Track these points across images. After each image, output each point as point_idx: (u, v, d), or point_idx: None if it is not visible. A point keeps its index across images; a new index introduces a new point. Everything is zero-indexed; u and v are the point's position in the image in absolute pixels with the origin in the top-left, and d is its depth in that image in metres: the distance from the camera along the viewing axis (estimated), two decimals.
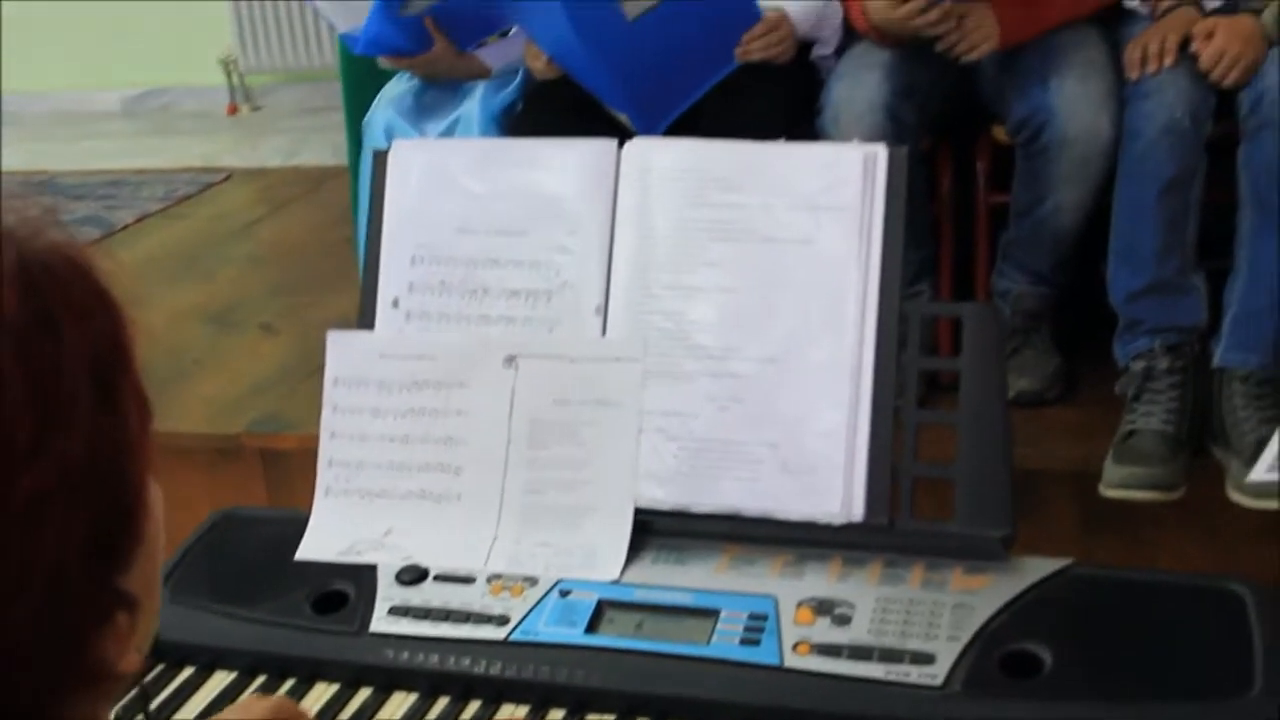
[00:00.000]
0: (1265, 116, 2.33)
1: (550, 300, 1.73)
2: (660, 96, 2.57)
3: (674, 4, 2.46)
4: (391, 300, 1.78)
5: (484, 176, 1.77)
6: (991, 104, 2.58)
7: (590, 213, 1.72)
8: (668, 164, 1.71)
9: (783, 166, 1.68)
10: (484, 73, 2.82)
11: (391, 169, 1.81)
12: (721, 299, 1.67)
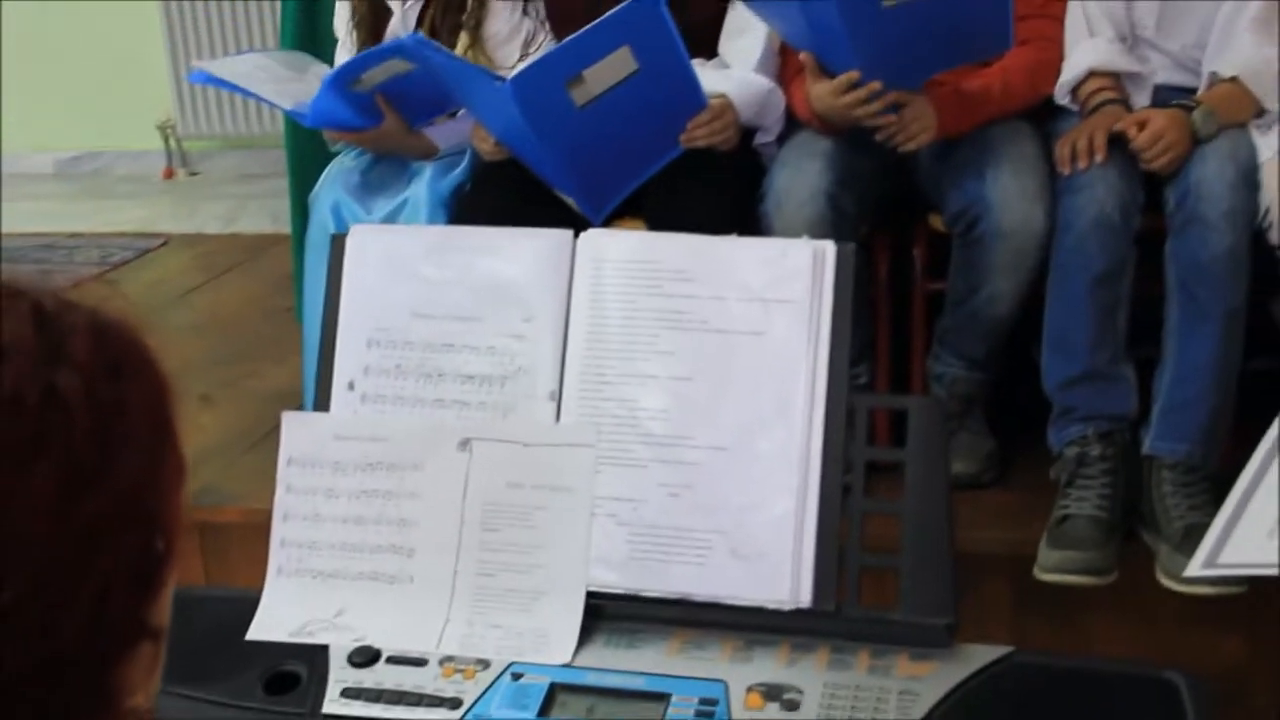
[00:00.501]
0: (1191, 212, 2.42)
1: (505, 385, 1.77)
2: (606, 181, 2.63)
3: (621, 91, 2.50)
4: (347, 383, 1.81)
5: (441, 263, 1.81)
6: (928, 194, 2.66)
7: (545, 301, 1.76)
8: (622, 255, 1.76)
9: (734, 259, 1.73)
10: (432, 151, 2.86)
11: (349, 253, 1.84)
12: (674, 387, 1.72)
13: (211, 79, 2.97)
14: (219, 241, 4.69)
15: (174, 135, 5.41)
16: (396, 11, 2.94)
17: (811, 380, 1.68)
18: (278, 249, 4.47)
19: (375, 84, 2.77)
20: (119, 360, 0.85)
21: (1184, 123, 2.47)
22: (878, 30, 2.40)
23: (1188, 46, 2.66)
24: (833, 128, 2.59)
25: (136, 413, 0.85)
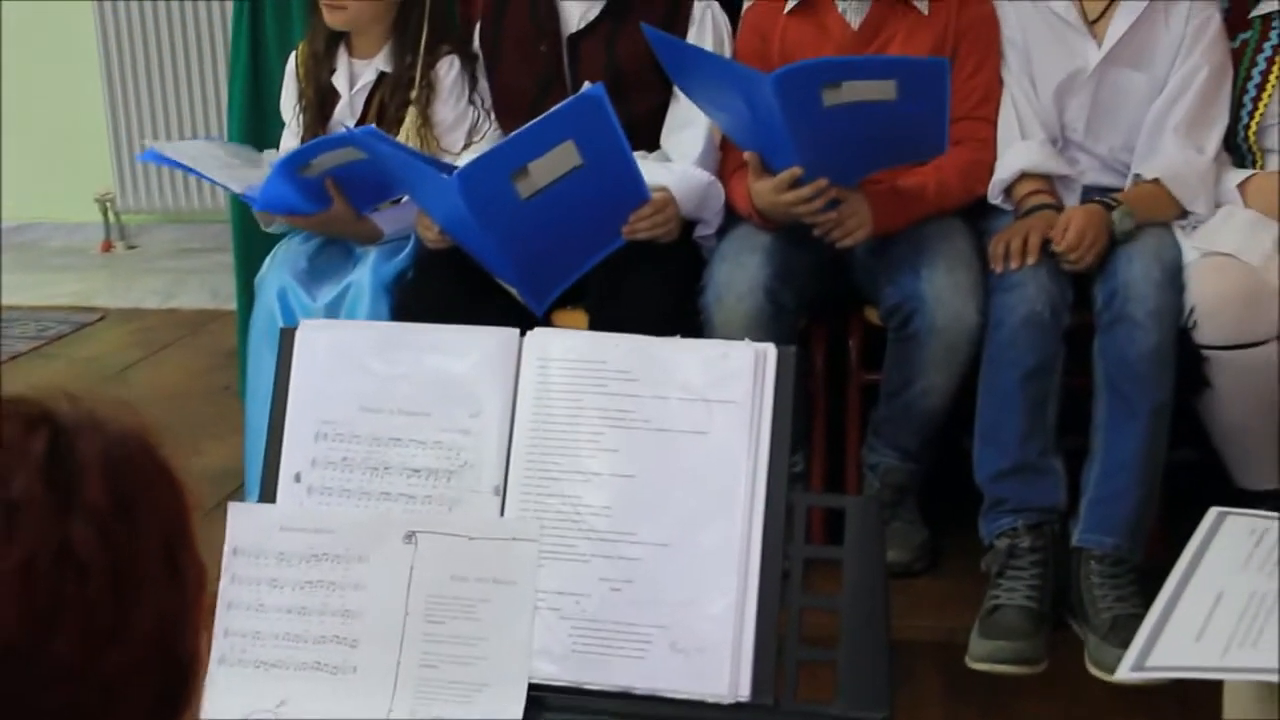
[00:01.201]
0: (1118, 311, 2.51)
1: (450, 480, 1.80)
2: (548, 271, 2.67)
3: (565, 184, 2.55)
4: (294, 475, 1.84)
5: (389, 358, 1.85)
6: (864, 288, 2.73)
7: (492, 397, 1.80)
8: (567, 353, 1.81)
9: (677, 360, 1.78)
10: (376, 236, 2.89)
11: (299, 347, 1.88)
12: (617, 484, 1.76)
13: (162, 158, 3.00)
14: (157, 317, 4.68)
15: (113, 208, 5.40)
16: (344, 95, 2.99)
17: (752, 479, 1.72)
18: (217, 325, 4.49)
19: (324, 169, 2.81)
20: (132, 494, 0.85)
21: (1103, 219, 2.57)
22: (818, 129, 2.47)
23: (1115, 149, 2.76)
24: (772, 223, 2.66)
25: (152, 544, 0.85)
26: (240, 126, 3.34)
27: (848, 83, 2.40)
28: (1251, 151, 2.71)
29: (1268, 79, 2.69)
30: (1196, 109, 2.68)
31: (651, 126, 2.86)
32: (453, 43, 2.97)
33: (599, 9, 2.89)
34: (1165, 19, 2.71)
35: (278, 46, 3.26)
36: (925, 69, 2.45)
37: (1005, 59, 2.78)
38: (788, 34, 2.82)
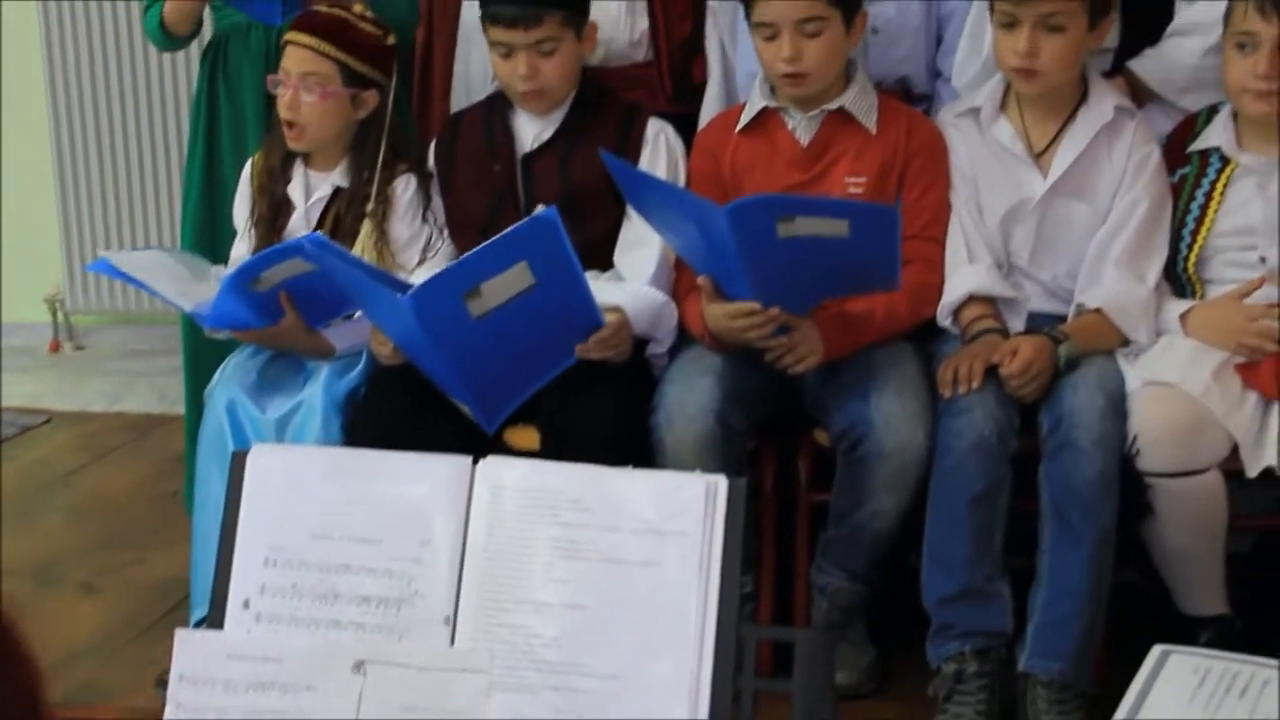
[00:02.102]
0: (1063, 439, 2.55)
1: (400, 609, 1.79)
2: (500, 390, 2.68)
3: (517, 304, 2.56)
4: (242, 601, 1.83)
5: (341, 485, 1.84)
6: (813, 411, 2.75)
7: (443, 525, 1.80)
8: (519, 482, 1.80)
9: (630, 491, 1.78)
10: (329, 352, 2.89)
11: (250, 471, 1.87)
12: (567, 615, 1.75)
13: (113, 270, 2.99)
14: (104, 420, 4.63)
15: (62, 309, 5.37)
16: (299, 208, 3.00)
17: (702, 612, 1.72)
18: (165, 429, 4.45)
19: (275, 283, 2.81)
20: None
21: (1050, 352, 2.62)
22: (771, 259, 2.51)
23: (1060, 276, 2.81)
24: (724, 345, 2.68)
25: None
26: (193, 236, 3.33)
27: (801, 217, 2.44)
28: (1191, 282, 2.77)
29: (1206, 212, 2.75)
30: (1137, 240, 2.73)
31: (605, 246, 2.89)
32: (409, 161, 3.00)
33: (553, 129, 2.93)
34: (1108, 153, 2.77)
35: (233, 157, 3.26)
36: (877, 215, 2.49)
37: (954, 185, 2.83)
38: (739, 153, 2.88)
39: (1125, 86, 2.93)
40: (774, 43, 2.76)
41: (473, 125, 3.01)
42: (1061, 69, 2.73)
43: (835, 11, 2.76)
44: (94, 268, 3.07)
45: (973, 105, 2.86)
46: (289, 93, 2.90)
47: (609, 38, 3.13)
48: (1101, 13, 2.73)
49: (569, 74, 2.91)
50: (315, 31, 2.92)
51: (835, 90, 2.82)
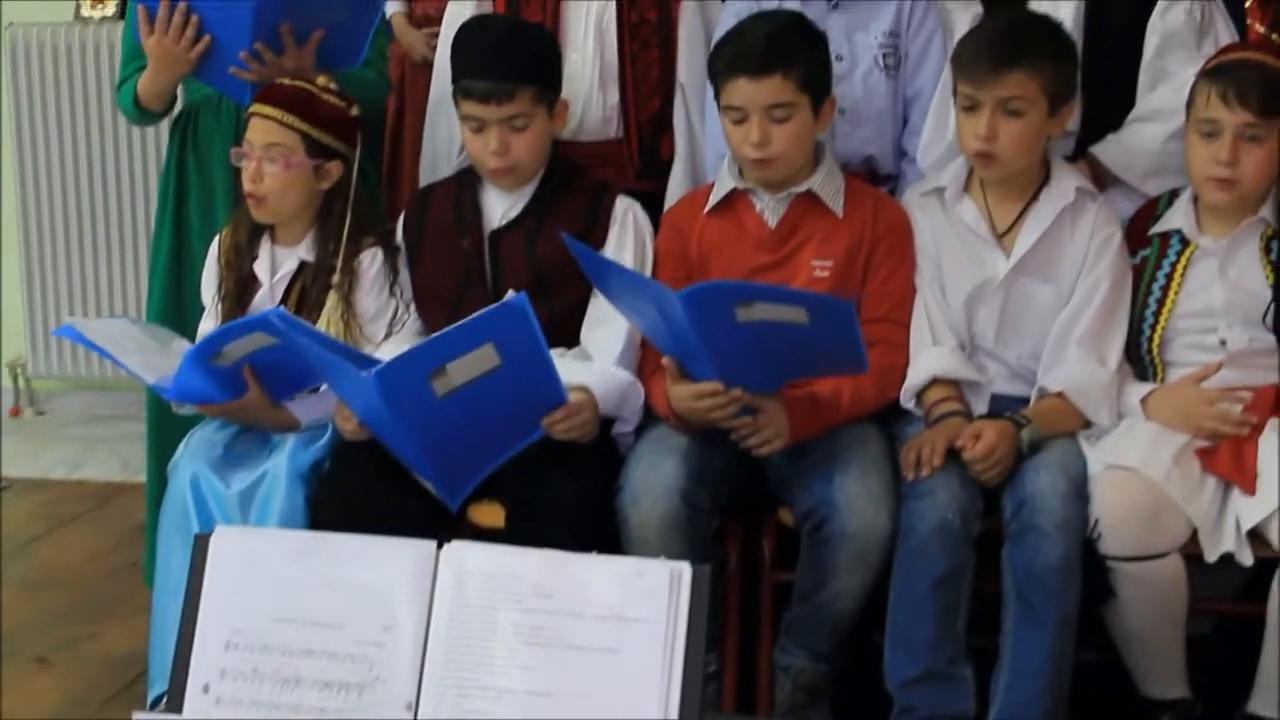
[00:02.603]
0: (1025, 522, 2.57)
1: (362, 694, 1.79)
2: (464, 467, 2.68)
3: (482, 384, 2.56)
4: (202, 686, 1.82)
5: (304, 568, 1.84)
6: (778, 491, 2.76)
7: (406, 610, 1.80)
8: (483, 568, 1.81)
9: (593, 577, 1.79)
10: (293, 426, 2.89)
11: (212, 554, 1.87)
12: (530, 702, 1.75)
13: (78, 336, 2.98)
14: (64, 488, 4.60)
15: (23, 374, 5.35)
16: (265, 284, 3.01)
17: (665, 699, 1.73)
18: (126, 498, 4.42)
19: (238, 357, 2.81)
20: None
21: (1013, 436, 2.64)
22: (732, 343, 2.53)
23: (1023, 357, 2.84)
24: (689, 425, 2.69)
25: None
26: (159, 307, 3.34)
27: (760, 303, 2.47)
28: (1154, 364, 2.80)
29: (1167, 294, 2.79)
30: (1099, 322, 2.77)
31: (572, 322, 2.90)
32: (376, 234, 3.01)
33: (522, 205, 2.95)
34: (1070, 234, 2.81)
35: (201, 229, 3.27)
36: (834, 307, 2.51)
37: (918, 265, 2.87)
38: (706, 233, 2.90)
39: (1088, 170, 2.97)
40: (743, 126, 2.80)
41: (442, 200, 3.03)
42: (1020, 154, 2.77)
43: (804, 97, 2.80)
44: (60, 333, 3.07)
45: (937, 185, 2.90)
46: (253, 164, 2.92)
47: (580, 112, 3.17)
48: (1062, 99, 2.77)
49: (540, 150, 2.93)
50: (278, 103, 2.94)
51: (803, 173, 2.86)
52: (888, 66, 3.12)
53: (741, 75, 2.78)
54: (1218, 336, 2.75)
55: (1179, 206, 2.82)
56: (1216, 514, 2.62)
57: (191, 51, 3.07)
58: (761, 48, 2.78)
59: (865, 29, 3.11)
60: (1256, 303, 2.73)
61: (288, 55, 3.05)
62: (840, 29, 3.05)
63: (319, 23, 3.07)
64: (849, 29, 3.09)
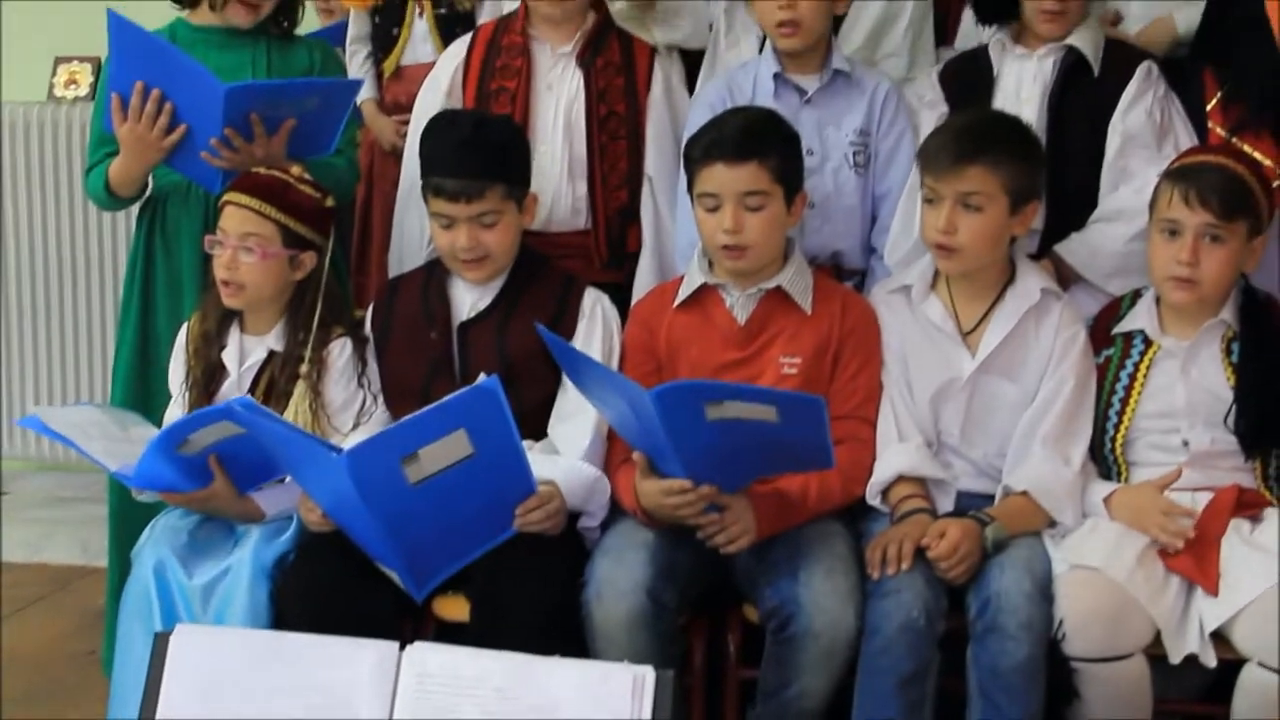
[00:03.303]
0: (990, 622, 2.58)
1: None
2: (432, 559, 2.67)
3: (454, 473, 2.57)
4: None
5: (266, 669, 1.85)
6: (744, 587, 2.77)
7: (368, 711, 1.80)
8: (446, 669, 1.82)
9: (555, 681, 1.80)
10: (258, 516, 2.88)
11: (173, 653, 1.87)
12: None
13: (43, 428, 2.98)
14: (23, 571, 4.54)
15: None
16: (233, 373, 3.01)
17: None
18: (86, 582, 4.38)
19: (204, 446, 2.81)
20: None
21: (977, 535, 2.67)
22: (701, 441, 2.55)
23: (989, 455, 2.86)
24: (656, 520, 2.70)
25: None
26: (124, 393, 3.34)
27: (730, 401, 2.49)
28: (1118, 463, 2.83)
29: (1130, 394, 2.82)
30: (1063, 421, 2.80)
31: (540, 415, 2.91)
32: (345, 325, 3.02)
33: (491, 298, 2.98)
34: (1035, 333, 2.85)
35: (169, 316, 3.28)
36: (804, 404, 2.54)
37: (885, 363, 2.89)
38: (674, 327, 2.93)
39: (1052, 269, 3.02)
40: (716, 214, 2.83)
41: (410, 291, 3.05)
42: (979, 248, 2.81)
43: (778, 188, 2.84)
44: (24, 423, 3.07)
45: (904, 283, 2.94)
46: (227, 253, 2.93)
47: (549, 203, 3.21)
48: (1024, 198, 2.82)
49: (509, 245, 2.96)
50: (255, 193, 2.96)
51: (773, 268, 2.89)
52: (858, 164, 3.17)
53: (718, 161, 2.83)
54: (1180, 437, 2.78)
55: (1142, 306, 2.86)
56: (1180, 615, 2.63)
57: (165, 140, 3.09)
58: (738, 136, 2.84)
59: (837, 125, 3.17)
60: (1218, 404, 2.76)
61: (258, 143, 3.07)
62: (812, 124, 3.10)
63: (291, 112, 3.09)
64: (820, 124, 3.14)
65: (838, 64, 3.19)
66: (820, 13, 3.11)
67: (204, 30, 3.30)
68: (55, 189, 4.99)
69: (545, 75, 3.25)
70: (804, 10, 3.08)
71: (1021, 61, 3.14)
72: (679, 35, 3.83)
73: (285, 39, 3.37)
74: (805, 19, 3.09)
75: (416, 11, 4.10)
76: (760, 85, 3.18)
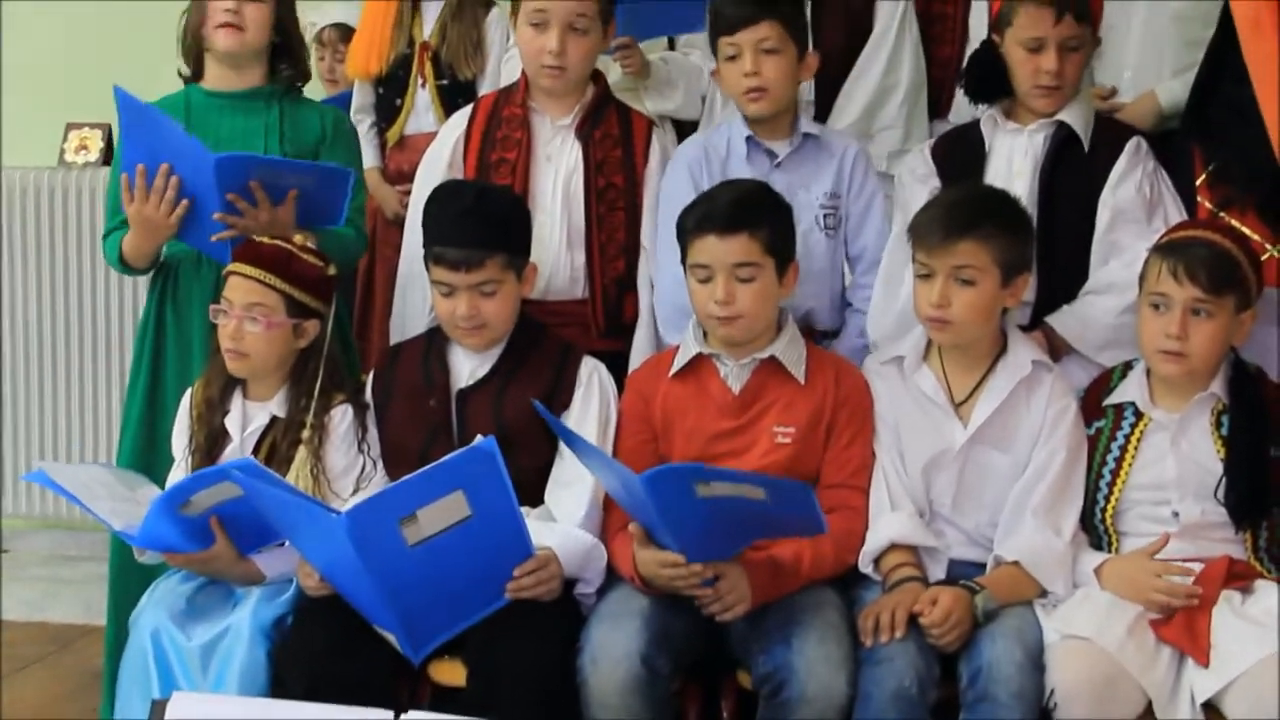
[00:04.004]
0: (982, 691, 2.58)
1: None
2: (430, 621, 2.67)
3: (452, 535, 2.57)
4: None
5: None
6: (738, 654, 2.76)
7: None
8: None
9: None
10: (258, 578, 2.89)
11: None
12: None
13: (49, 482, 2.98)
14: (24, 630, 4.51)
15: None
16: (235, 438, 3.02)
17: None
18: (87, 641, 4.34)
19: (206, 507, 2.82)
20: None
21: (968, 603, 2.67)
22: (693, 517, 2.57)
23: (981, 524, 2.87)
24: (653, 588, 2.71)
25: None
26: (131, 456, 3.34)
27: (719, 481, 2.51)
28: (1108, 534, 2.83)
29: (1121, 465, 2.83)
30: (1054, 492, 2.80)
31: (537, 482, 2.92)
32: (346, 392, 3.04)
33: (489, 366, 2.99)
34: (1026, 405, 2.86)
35: (177, 381, 3.28)
36: (792, 489, 2.55)
37: (877, 432, 2.90)
38: (670, 397, 2.94)
39: (1043, 340, 3.03)
40: (708, 285, 2.85)
41: (411, 358, 3.06)
42: (972, 321, 2.83)
43: (769, 259, 2.86)
44: (31, 478, 3.06)
45: (897, 354, 2.95)
46: (233, 322, 2.95)
47: (548, 273, 3.23)
48: (1015, 270, 2.84)
49: (508, 314, 2.98)
50: (260, 263, 2.98)
51: (766, 337, 2.91)
52: (828, 226, 3.21)
53: (710, 233, 2.85)
54: (1170, 508, 2.78)
55: (1132, 379, 2.88)
56: (1171, 685, 2.62)
57: (172, 217, 3.11)
58: (730, 208, 2.86)
59: (807, 188, 3.21)
60: (1208, 476, 2.77)
61: (263, 209, 3.08)
62: (783, 186, 3.11)
63: (294, 182, 3.11)
64: (791, 187, 3.16)
65: (806, 128, 3.23)
66: (785, 78, 3.16)
67: (218, 96, 3.33)
68: (65, 251, 5.01)
69: (545, 147, 3.28)
70: (769, 77, 3.13)
71: (1013, 136, 3.17)
72: (671, 106, 3.89)
73: (297, 102, 3.39)
74: (771, 85, 3.13)
75: (419, 82, 4.18)
76: (734, 147, 3.22)
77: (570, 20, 3.19)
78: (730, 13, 3.16)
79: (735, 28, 3.14)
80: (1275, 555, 2.77)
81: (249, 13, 3.26)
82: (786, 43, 3.14)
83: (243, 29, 3.26)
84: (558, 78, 3.23)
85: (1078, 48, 3.11)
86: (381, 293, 4.00)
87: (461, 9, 4.22)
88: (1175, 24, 3.71)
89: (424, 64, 4.22)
